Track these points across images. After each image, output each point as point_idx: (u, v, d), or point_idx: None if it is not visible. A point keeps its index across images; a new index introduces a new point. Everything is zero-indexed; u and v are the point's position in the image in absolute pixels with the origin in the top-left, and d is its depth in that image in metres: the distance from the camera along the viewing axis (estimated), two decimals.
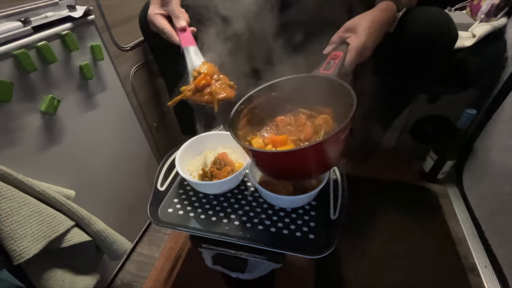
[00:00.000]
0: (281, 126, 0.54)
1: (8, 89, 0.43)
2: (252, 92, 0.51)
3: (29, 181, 0.45)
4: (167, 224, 0.51)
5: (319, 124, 0.49)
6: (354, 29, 0.49)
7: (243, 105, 0.51)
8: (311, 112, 0.52)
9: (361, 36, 0.48)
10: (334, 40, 0.52)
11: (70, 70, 0.54)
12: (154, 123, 0.90)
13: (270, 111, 0.54)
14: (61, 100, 0.52)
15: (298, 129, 0.52)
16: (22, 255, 0.42)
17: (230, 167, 0.55)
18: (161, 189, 0.58)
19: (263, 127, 0.55)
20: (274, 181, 0.54)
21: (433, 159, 0.92)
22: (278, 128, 0.54)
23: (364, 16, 0.50)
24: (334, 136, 0.38)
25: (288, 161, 0.42)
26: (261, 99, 0.53)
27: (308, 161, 0.43)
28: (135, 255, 0.82)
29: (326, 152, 0.41)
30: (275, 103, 0.53)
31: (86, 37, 0.57)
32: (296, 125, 0.52)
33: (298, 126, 0.52)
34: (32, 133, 0.49)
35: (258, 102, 0.53)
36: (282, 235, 0.48)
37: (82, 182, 0.60)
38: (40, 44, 0.47)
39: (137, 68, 0.80)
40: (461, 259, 0.74)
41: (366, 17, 0.50)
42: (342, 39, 0.51)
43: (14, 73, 0.45)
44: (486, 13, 0.78)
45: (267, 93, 0.52)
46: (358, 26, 0.49)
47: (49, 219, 0.47)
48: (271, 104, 0.53)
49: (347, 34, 0.50)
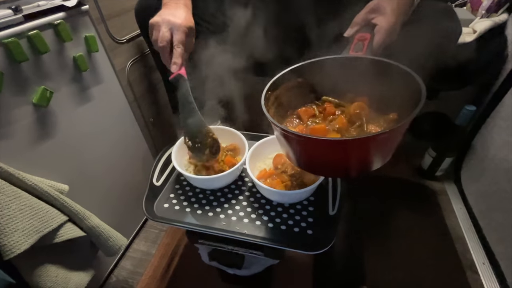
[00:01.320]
0: (305, 118, 0.48)
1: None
2: (276, 77, 0.46)
3: (20, 174, 0.44)
4: (163, 219, 0.50)
5: (355, 113, 0.44)
6: (380, 10, 0.46)
7: (270, 91, 0.46)
8: (339, 101, 0.48)
9: (390, 16, 0.45)
10: (357, 21, 0.48)
11: (64, 61, 0.53)
12: (150, 118, 0.89)
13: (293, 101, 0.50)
14: (54, 92, 0.51)
15: (327, 120, 0.47)
16: (12, 250, 0.40)
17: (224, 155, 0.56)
18: (157, 184, 0.57)
19: (285, 119, 0.50)
20: (272, 176, 0.53)
21: (431, 156, 0.92)
22: (303, 120, 0.49)
23: None
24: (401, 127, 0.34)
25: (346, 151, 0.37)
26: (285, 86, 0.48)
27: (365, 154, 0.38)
28: (131, 251, 0.81)
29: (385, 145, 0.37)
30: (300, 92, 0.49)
31: (80, 27, 0.55)
32: (323, 116, 0.48)
33: (327, 116, 0.47)
34: (23, 126, 0.48)
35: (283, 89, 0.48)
36: (280, 231, 0.47)
37: (76, 177, 0.59)
38: (31, 33, 0.45)
39: (133, 61, 0.79)
40: (459, 256, 0.74)
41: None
42: (367, 20, 0.47)
43: (4, 62, 0.43)
44: (487, 8, 0.78)
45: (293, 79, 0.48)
46: (385, 7, 0.46)
47: (41, 213, 0.46)
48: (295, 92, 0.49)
49: (372, 15, 0.47)
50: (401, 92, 0.39)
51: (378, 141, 0.35)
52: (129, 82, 0.78)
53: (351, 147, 0.36)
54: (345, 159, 0.39)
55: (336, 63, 0.46)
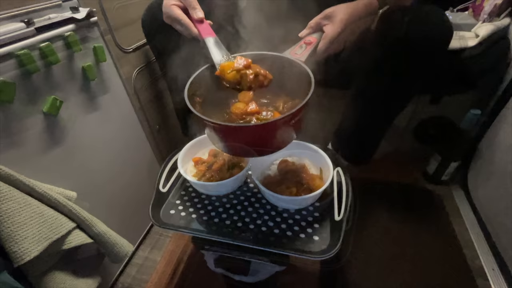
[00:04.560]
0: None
1: (11, 89, 0.43)
2: (193, 77, 0.47)
3: (30, 182, 0.45)
4: (169, 226, 0.50)
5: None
6: (331, 18, 0.49)
7: (191, 92, 0.46)
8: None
9: (337, 25, 0.48)
10: (311, 25, 0.51)
11: (73, 71, 0.54)
12: (156, 125, 0.90)
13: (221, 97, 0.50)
14: (64, 101, 0.52)
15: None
16: (22, 257, 0.41)
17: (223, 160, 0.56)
18: (163, 191, 0.57)
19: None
20: (277, 182, 0.53)
21: (437, 161, 0.91)
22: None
23: (344, 6, 0.50)
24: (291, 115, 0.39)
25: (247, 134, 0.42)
26: (204, 84, 0.49)
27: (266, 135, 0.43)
28: (137, 258, 0.81)
29: (282, 128, 0.42)
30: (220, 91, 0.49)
31: (88, 38, 0.57)
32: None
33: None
34: (34, 134, 0.49)
35: (203, 88, 0.48)
36: (286, 237, 0.47)
37: (84, 184, 0.60)
38: (43, 45, 0.47)
39: (139, 70, 0.81)
40: (468, 262, 0.73)
41: (346, 7, 0.49)
42: (319, 25, 0.50)
43: (17, 73, 0.45)
44: (489, 13, 0.78)
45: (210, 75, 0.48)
46: (336, 16, 0.48)
47: (51, 220, 0.47)
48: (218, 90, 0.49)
49: (324, 21, 0.50)
50: (300, 81, 0.44)
51: (270, 127, 0.41)
52: (135, 90, 0.79)
53: (250, 131, 0.41)
54: (251, 141, 0.43)
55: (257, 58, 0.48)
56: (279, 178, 0.54)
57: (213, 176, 0.55)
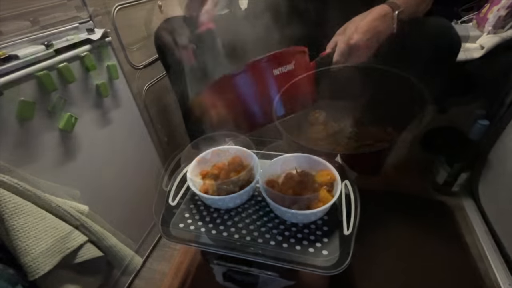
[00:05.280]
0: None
1: (31, 108, 0.45)
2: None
3: (46, 196, 0.47)
4: (179, 239, 0.51)
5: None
6: (344, 31, 0.53)
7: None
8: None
9: (347, 34, 0.51)
10: (329, 45, 0.56)
11: (88, 89, 0.57)
12: (164, 137, 0.92)
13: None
14: (78, 117, 0.54)
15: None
16: (37, 271, 0.42)
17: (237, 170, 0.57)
18: (173, 204, 0.58)
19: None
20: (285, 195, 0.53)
21: (446, 171, 0.90)
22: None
23: (355, 18, 0.53)
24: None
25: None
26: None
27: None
28: (145, 270, 0.81)
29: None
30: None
31: (103, 57, 0.60)
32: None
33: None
34: (50, 150, 0.51)
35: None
36: (295, 251, 0.47)
37: (95, 197, 0.61)
38: (61, 66, 0.49)
39: (149, 85, 0.83)
40: (483, 278, 0.71)
41: (354, 19, 0.53)
42: (335, 43, 0.54)
43: (37, 93, 0.47)
44: (493, 25, 0.79)
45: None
46: (346, 28, 0.53)
47: (64, 234, 0.48)
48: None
49: (338, 37, 0.54)
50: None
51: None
52: (145, 105, 0.82)
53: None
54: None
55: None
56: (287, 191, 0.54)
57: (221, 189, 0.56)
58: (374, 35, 0.52)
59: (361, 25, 0.51)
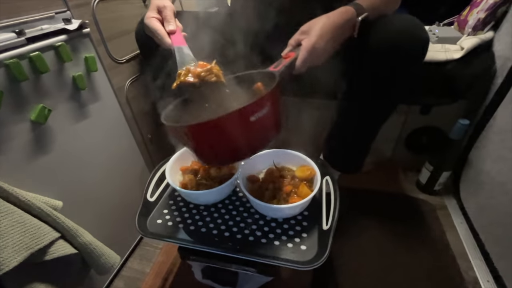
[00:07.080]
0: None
1: None
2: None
3: (14, 190, 0.45)
4: (155, 235, 0.50)
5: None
6: (307, 31, 0.51)
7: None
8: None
9: (312, 37, 0.49)
10: (291, 43, 0.54)
11: (63, 80, 0.55)
12: (148, 134, 0.90)
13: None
14: (52, 109, 0.52)
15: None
16: (1, 267, 0.40)
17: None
18: (151, 200, 0.57)
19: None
20: (265, 191, 0.53)
21: (429, 170, 0.91)
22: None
23: (319, 18, 0.51)
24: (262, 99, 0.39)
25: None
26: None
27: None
28: (125, 270, 0.79)
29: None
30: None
31: (80, 49, 0.58)
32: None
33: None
34: (20, 142, 0.49)
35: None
36: (274, 246, 0.47)
37: (71, 193, 0.59)
38: (32, 55, 0.47)
39: (132, 80, 0.81)
40: (462, 274, 0.72)
41: (320, 19, 0.51)
42: (298, 41, 0.52)
43: (5, 82, 0.45)
44: (473, 27, 0.81)
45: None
46: (312, 28, 0.50)
47: (33, 230, 0.46)
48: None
49: (302, 37, 0.52)
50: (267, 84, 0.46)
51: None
52: (127, 100, 0.80)
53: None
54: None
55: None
56: (267, 187, 0.53)
57: (201, 185, 0.55)
58: (336, 41, 0.52)
59: (325, 31, 0.50)
